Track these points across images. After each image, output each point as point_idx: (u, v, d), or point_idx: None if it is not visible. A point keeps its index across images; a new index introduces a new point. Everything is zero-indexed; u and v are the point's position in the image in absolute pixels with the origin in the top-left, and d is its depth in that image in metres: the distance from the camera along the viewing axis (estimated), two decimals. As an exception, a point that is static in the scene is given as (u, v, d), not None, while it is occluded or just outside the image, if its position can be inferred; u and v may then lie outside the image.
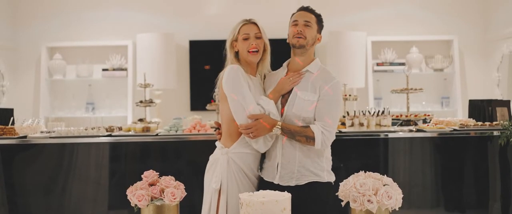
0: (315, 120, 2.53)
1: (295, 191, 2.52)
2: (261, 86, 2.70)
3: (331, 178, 2.59)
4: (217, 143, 2.68)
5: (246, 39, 2.58)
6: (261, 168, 2.70)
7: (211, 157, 2.67)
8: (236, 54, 2.64)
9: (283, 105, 2.58)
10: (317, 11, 2.64)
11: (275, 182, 2.56)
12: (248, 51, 2.58)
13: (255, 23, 2.61)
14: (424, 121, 4.22)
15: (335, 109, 2.55)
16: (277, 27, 4.38)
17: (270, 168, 2.61)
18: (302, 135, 2.48)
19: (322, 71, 2.60)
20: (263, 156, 2.69)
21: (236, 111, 2.53)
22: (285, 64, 2.70)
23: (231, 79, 2.54)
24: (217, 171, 2.57)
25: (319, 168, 2.57)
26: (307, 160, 2.54)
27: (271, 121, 2.48)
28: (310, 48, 2.60)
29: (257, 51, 2.59)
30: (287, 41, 2.64)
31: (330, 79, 2.54)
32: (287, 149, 2.55)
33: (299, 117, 2.52)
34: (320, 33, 2.63)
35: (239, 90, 2.52)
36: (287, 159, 2.55)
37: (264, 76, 2.74)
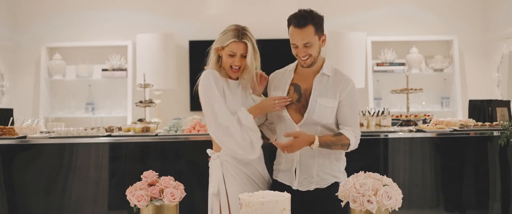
0: (339, 124, 2.53)
1: (314, 193, 2.54)
2: (241, 90, 2.64)
3: (345, 178, 2.60)
4: (208, 150, 2.69)
5: (231, 56, 2.55)
6: (274, 169, 2.69)
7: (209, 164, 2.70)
8: (219, 57, 2.62)
9: (300, 111, 2.53)
10: (315, 10, 2.51)
11: (294, 187, 2.55)
12: (230, 66, 2.57)
13: (245, 43, 2.53)
14: (424, 121, 4.22)
15: (357, 110, 2.58)
16: (277, 27, 4.39)
17: (287, 172, 2.60)
18: (338, 144, 2.49)
19: (336, 73, 2.57)
20: (273, 157, 2.69)
21: (207, 119, 2.54)
22: (292, 67, 2.62)
23: (204, 87, 2.55)
24: (212, 176, 2.60)
25: (337, 169, 2.59)
26: (326, 163, 2.53)
27: (308, 138, 2.43)
28: (318, 57, 2.55)
29: (238, 69, 2.58)
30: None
31: (348, 82, 2.53)
32: (306, 154, 2.53)
33: (319, 123, 2.51)
34: (323, 34, 2.54)
35: (209, 98, 2.53)
36: (306, 164, 2.53)
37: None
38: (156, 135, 3.76)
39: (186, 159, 3.72)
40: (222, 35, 2.58)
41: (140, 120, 4.15)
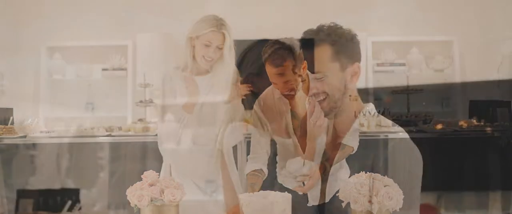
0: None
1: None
2: (207, 86, 2.54)
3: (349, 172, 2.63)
4: None
5: (207, 46, 2.44)
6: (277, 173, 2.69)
7: None
8: (193, 48, 2.51)
9: (302, 134, 2.49)
10: (291, 38, 2.38)
11: (309, 204, 2.53)
12: (203, 56, 2.47)
13: (223, 33, 2.44)
14: (424, 122, 4.21)
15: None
16: (276, 27, 4.38)
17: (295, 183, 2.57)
18: (345, 156, 2.50)
19: None
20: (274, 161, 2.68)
21: None
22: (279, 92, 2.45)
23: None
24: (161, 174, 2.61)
25: (345, 170, 2.59)
26: (332, 171, 2.51)
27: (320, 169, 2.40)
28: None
29: (211, 60, 2.48)
30: None
31: None
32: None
33: (321, 143, 2.49)
34: (301, 63, 2.32)
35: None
36: (316, 178, 2.49)
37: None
38: (156, 135, 3.75)
39: (186, 159, 3.71)
40: (198, 24, 2.48)
41: (140, 120, 4.14)
